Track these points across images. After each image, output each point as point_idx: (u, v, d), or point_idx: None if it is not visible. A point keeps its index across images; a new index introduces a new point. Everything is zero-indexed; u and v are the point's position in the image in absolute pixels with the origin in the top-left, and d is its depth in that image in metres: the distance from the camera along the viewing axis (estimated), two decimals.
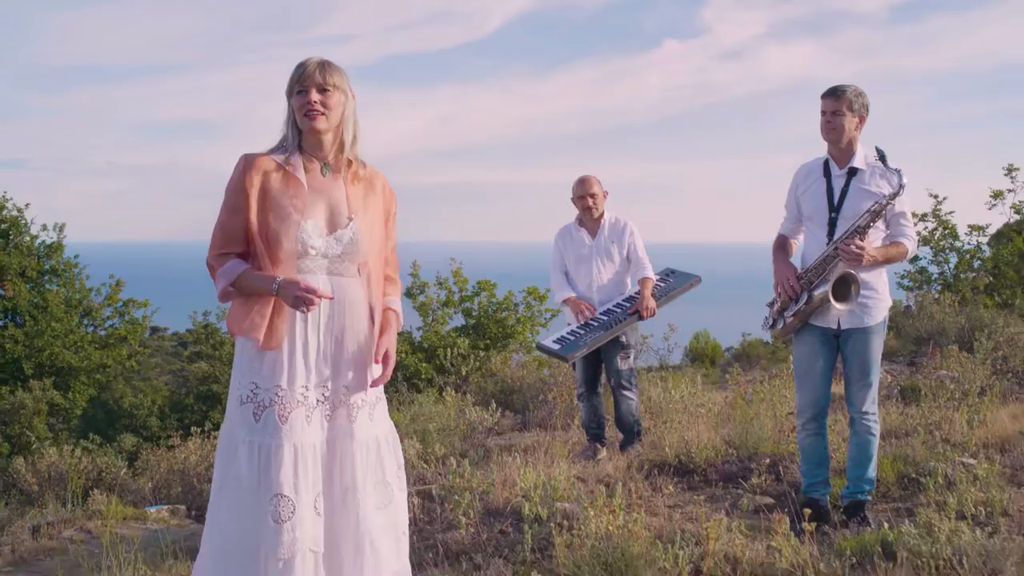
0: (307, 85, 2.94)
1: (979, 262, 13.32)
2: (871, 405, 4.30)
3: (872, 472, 4.39)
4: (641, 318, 5.74)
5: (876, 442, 4.37)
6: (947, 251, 13.70)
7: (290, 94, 2.98)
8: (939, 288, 13.07)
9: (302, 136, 3.00)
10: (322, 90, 2.94)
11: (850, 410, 4.36)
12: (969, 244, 13.82)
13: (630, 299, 5.82)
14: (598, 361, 5.92)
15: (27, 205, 18.77)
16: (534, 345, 6.79)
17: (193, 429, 8.32)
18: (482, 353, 11.27)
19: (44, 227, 19.02)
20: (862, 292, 4.19)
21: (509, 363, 12.23)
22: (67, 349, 17.42)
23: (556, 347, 5.69)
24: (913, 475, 4.90)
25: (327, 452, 2.93)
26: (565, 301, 5.88)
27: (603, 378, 6.01)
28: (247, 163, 2.93)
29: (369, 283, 3.04)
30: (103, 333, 18.74)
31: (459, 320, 15.22)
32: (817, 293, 4.23)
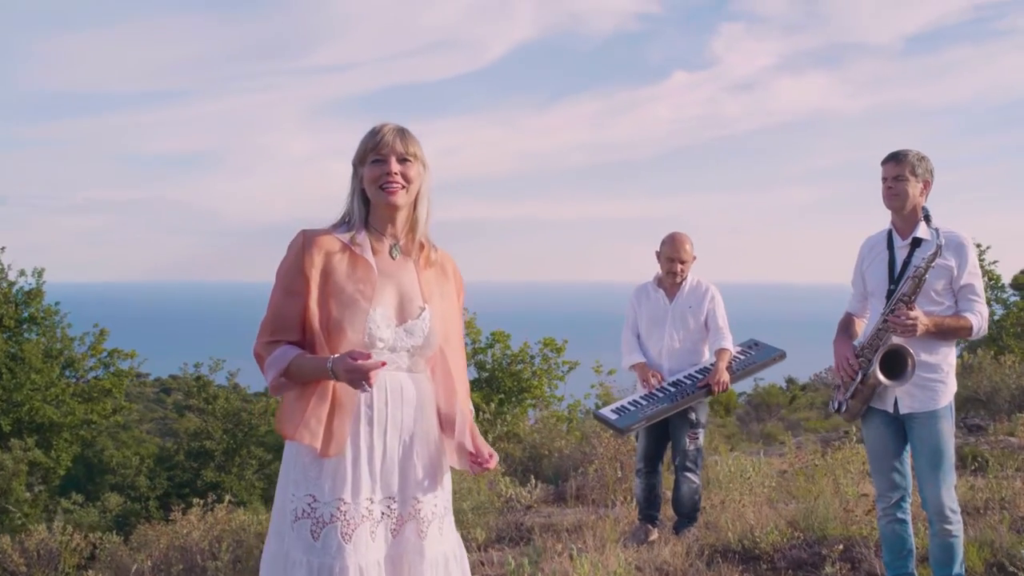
0: (385, 154, 2.75)
1: None
2: (949, 501, 4.09)
3: (959, 568, 4.23)
4: (711, 393, 5.57)
5: (960, 541, 4.17)
6: (991, 303, 13.62)
7: (361, 163, 2.79)
8: (982, 344, 12.95)
9: (370, 211, 2.82)
10: (402, 160, 2.76)
11: (925, 509, 4.20)
12: (1015, 295, 13.75)
13: (703, 371, 5.65)
14: (664, 436, 5.78)
15: (2, 249, 18.67)
16: (592, 414, 6.66)
17: (195, 501, 8.15)
18: (509, 417, 11.14)
19: (22, 272, 18.92)
20: (924, 374, 4.06)
21: (526, 419, 12.08)
22: (48, 403, 17.25)
23: (613, 417, 5.56)
24: (1004, 562, 4.76)
25: (391, 569, 2.74)
26: (633, 367, 5.76)
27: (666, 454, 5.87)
28: (306, 240, 2.72)
29: (439, 379, 2.87)
30: (86, 384, 18.57)
31: (471, 373, 15.13)
32: (871, 371, 4.12)
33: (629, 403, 5.65)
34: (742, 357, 5.80)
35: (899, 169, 4.17)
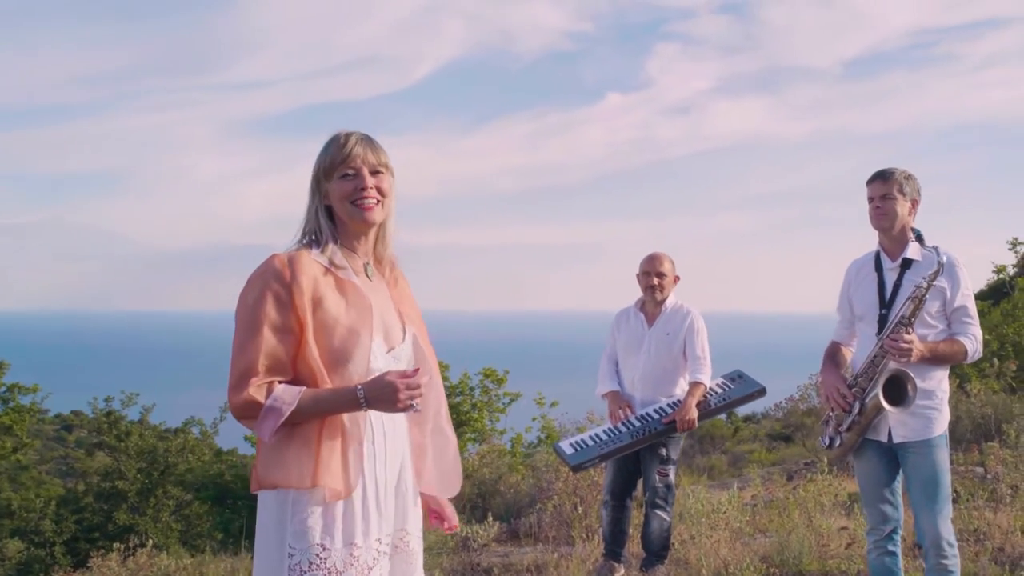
0: (357, 166, 2.63)
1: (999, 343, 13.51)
2: (947, 534, 4.07)
3: None
4: (675, 431, 5.50)
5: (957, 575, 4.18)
6: None
7: (326, 176, 2.65)
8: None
9: (336, 230, 2.67)
10: (374, 172, 2.65)
11: (920, 542, 4.19)
12: None
13: (675, 405, 5.56)
14: (635, 470, 5.72)
15: None
16: (552, 447, 6.57)
17: (114, 546, 7.90)
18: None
19: None
20: (918, 401, 4.05)
21: (467, 453, 11.97)
22: None
23: (569, 452, 5.51)
24: None
25: None
26: (605, 395, 5.70)
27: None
28: (292, 268, 2.54)
29: (426, 404, 2.77)
30: None
31: None
32: (870, 400, 4.09)
33: (589, 437, 5.59)
34: (719, 391, 5.68)
35: (886, 188, 4.18)
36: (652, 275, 5.69)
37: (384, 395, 2.47)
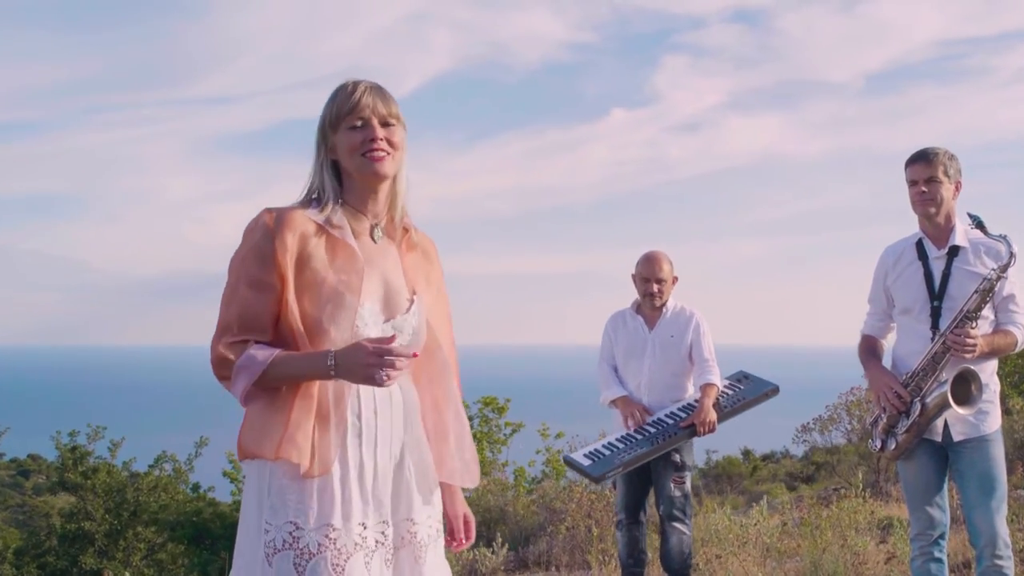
0: (367, 116, 2.63)
1: None
2: (1003, 532, 4.12)
3: None
4: (696, 434, 5.56)
5: None
6: None
7: (332, 128, 2.67)
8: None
9: (343, 187, 2.69)
10: (385, 123, 2.65)
11: (974, 542, 4.23)
12: None
13: (687, 408, 5.63)
14: (646, 482, 5.76)
15: None
16: (562, 458, 6.58)
17: None
18: None
19: None
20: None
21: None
22: None
23: (586, 463, 5.52)
24: None
25: None
26: (614, 401, 5.74)
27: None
28: (277, 220, 2.58)
29: (432, 382, 2.78)
30: None
31: None
32: (932, 400, 4.13)
33: (603, 446, 5.62)
34: (730, 392, 5.79)
35: (931, 170, 4.20)
36: (652, 282, 5.75)
37: (353, 362, 2.46)
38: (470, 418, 15.39)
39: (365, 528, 2.56)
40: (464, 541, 2.92)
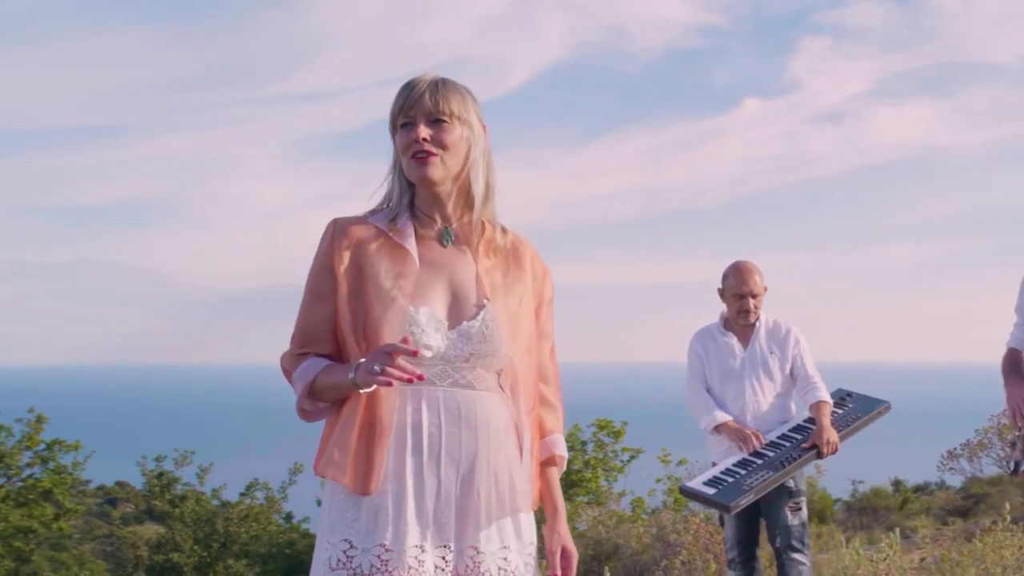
0: (414, 115, 2.71)
1: None
2: None
3: None
4: (820, 456, 5.61)
5: None
6: None
7: (393, 129, 2.77)
8: None
9: (413, 190, 2.80)
10: (435, 121, 2.71)
11: None
12: None
13: (799, 430, 5.69)
14: (756, 513, 5.80)
15: None
16: (680, 489, 6.58)
17: None
18: (568, 506, 11.21)
19: None
20: None
21: (578, 518, 12.08)
22: None
23: (711, 491, 5.51)
24: None
25: None
26: (719, 427, 5.74)
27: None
28: (336, 230, 2.76)
29: (516, 400, 2.77)
30: (20, 486, 18.57)
31: None
32: None
33: (722, 473, 5.60)
34: (839, 411, 5.81)
35: None
36: (746, 298, 5.79)
37: (364, 366, 2.54)
38: (583, 443, 15.57)
39: (423, 551, 2.59)
40: (563, 568, 2.83)
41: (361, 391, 2.60)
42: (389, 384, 2.48)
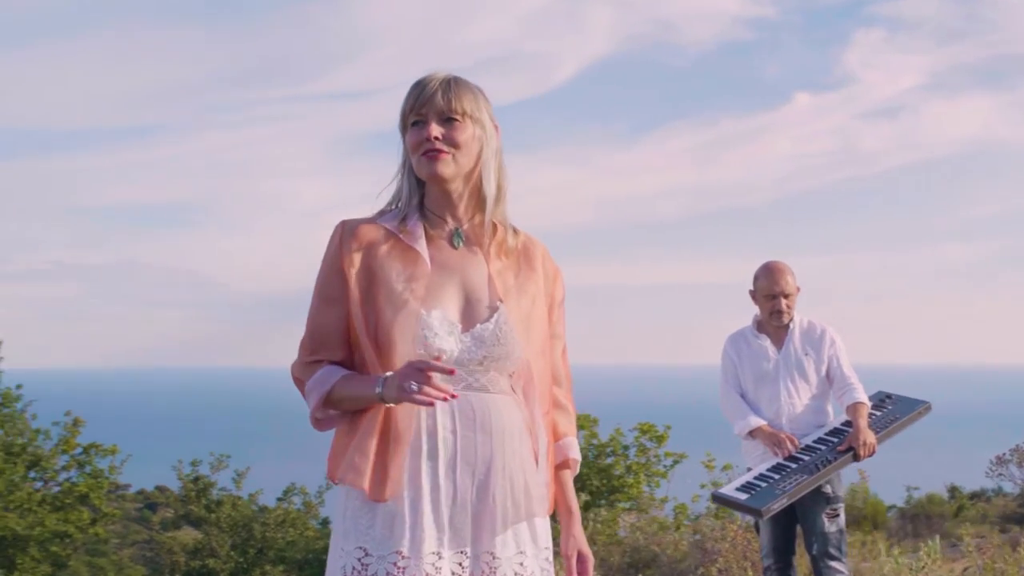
0: (425, 113, 2.74)
1: None
2: None
3: None
4: (857, 458, 5.61)
5: None
6: None
7: (404, 127, 2.81)
8: None
9: (424, 189, 2.83)
10: (446, 119, 2.74)
11: None
12: None
13: (836, 432, 5.72)
14: (792, 520, 5.82)
15: None
16: (711, 496, 6.58)
17: None
18: (604, 512, 11.25)
19: None
20: None
21: (618, 526, 12.10)
22: (10, 512, 17.41)
23: (743, 497, 5.54)
24: None
25: None
26: (753, 432, 5.76)
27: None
28: (344, 232, 2.77)
29: (528, 402, 2.81)
30: (57, 490, 18.65)
31: None
32: None
33: (756, 479, 5.62)
34: (878, 414, 5.83)
35: None
36: (778, 298, 5.80)
37: (393, 382, 2.55)
38: (625, 448, 15.58)
39: (440, 558, 2.62)
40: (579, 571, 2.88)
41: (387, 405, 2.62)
42: (430, 404, 2.50)
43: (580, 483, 14.88)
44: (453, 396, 2.52)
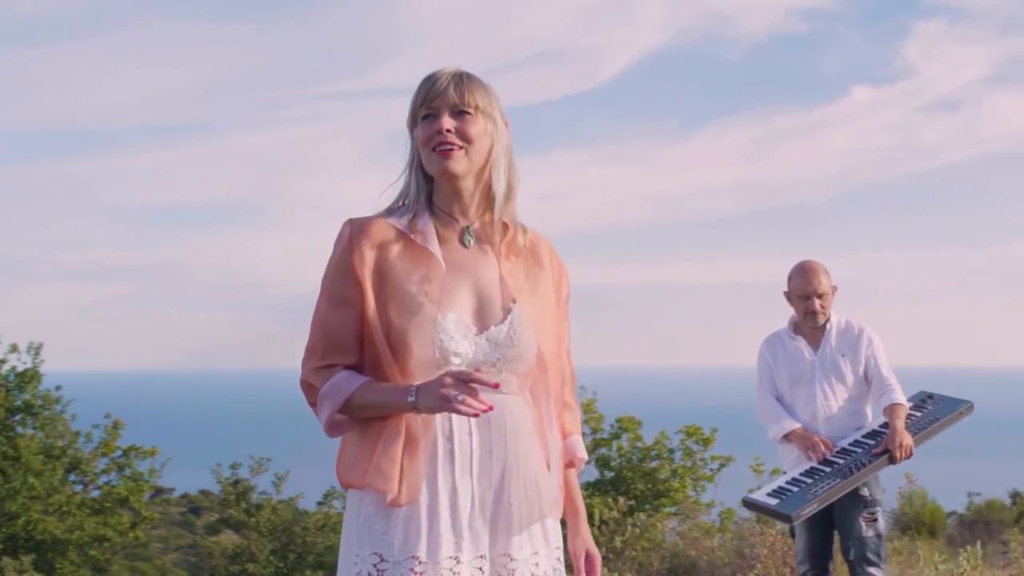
0: (437, 106, 2.73)
1: None
2: None
3: None
4: (893, 461, 5.59)
5: None
6: None
7: (413, 122, 2.79)
8: None
9: (432, 186, 2.83)
10: (459, 113, 2.73)
11: None
12: None
13: (873, 435, 5.70)
14: (830, 524, 5.82)
15: None
16: (742, 501, 6.57)
17: None
18: (644, 518, 11.25)
19: (13, 347, 18.25)
20: None
21: (665, 532, 12.09)
22: (49, 515, 17.47)
23: (773, 503, 5.55)
24: None
25: None
26: (788, 435, 5.77)
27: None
28: (354, 232, 2.75)
29: (539, 403, 2.84)
30: (96, 493, 18.69)
31: (591, 472, 15.11)
32: None
33: (788, 483, 5.63)
34: (918, 415, 5.81)
35: None
36: (812, 298, 5.79)
37: (430, 392, 2.54)
38: (670, 451, 15.54)
39: (458, 562, 2.62)
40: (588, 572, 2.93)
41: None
42: (475, 415, 2.50)
43: (624, 487, 14.88)
44: (491, 408, 2.52)
